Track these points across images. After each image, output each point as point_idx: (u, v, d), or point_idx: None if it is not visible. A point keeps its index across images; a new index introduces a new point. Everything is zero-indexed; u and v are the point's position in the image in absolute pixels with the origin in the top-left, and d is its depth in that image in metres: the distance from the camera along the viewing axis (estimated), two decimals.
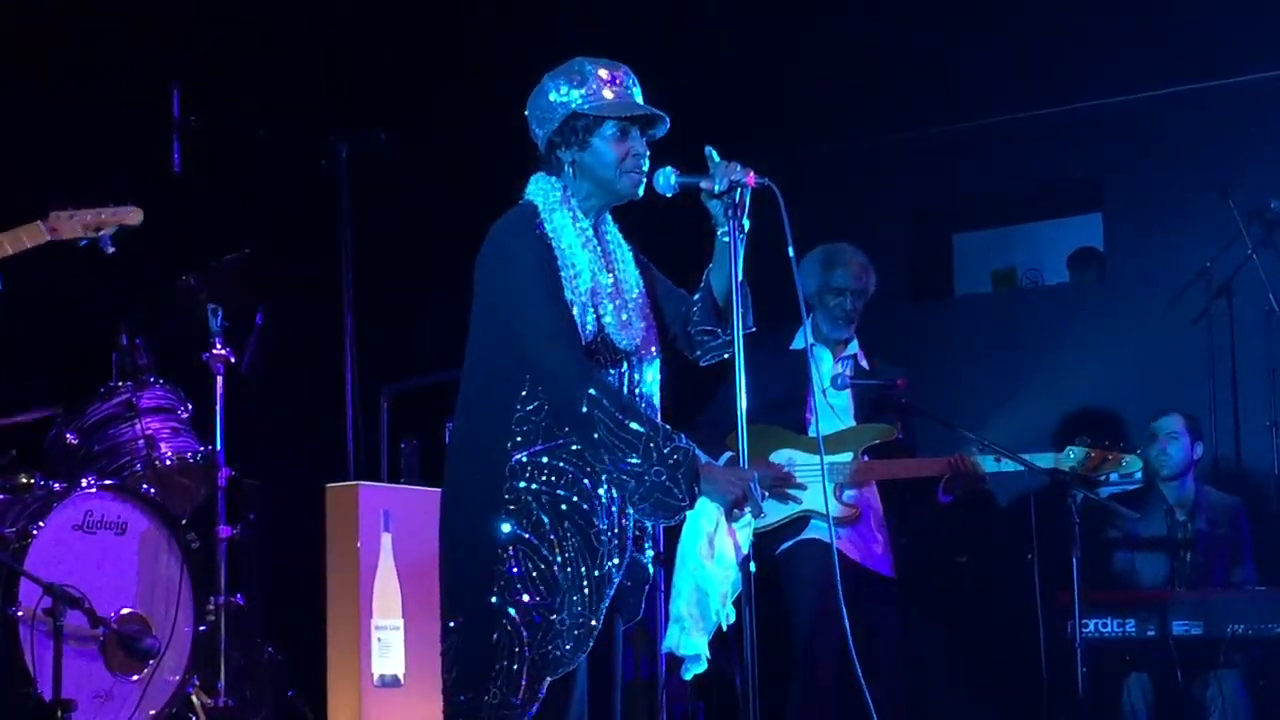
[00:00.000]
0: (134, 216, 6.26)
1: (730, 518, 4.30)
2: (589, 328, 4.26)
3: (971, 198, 9.60)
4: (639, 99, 4.41)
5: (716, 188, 4.34)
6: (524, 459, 4.22)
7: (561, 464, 4.22)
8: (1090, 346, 8.72)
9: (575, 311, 4.24)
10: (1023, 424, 8.45)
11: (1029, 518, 6.64)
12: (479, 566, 4.21)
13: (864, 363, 6.68)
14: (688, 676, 4.41)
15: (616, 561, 4.26)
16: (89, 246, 6.18)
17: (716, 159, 4.37)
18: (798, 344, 6.57)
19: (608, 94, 4.36)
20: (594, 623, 4.21)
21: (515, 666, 4.16)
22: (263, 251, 7.41)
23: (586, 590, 4.21)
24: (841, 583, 4.61)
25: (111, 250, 6.20)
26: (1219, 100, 8.60)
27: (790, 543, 6.32)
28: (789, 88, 9.27)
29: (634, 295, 4.42)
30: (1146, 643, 7.08)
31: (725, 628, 4.35)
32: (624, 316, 4.34)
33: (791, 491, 6.28)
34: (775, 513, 6.30)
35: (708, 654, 4.37)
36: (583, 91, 4.35)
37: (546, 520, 4.20)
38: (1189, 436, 7.65)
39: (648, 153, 4.40)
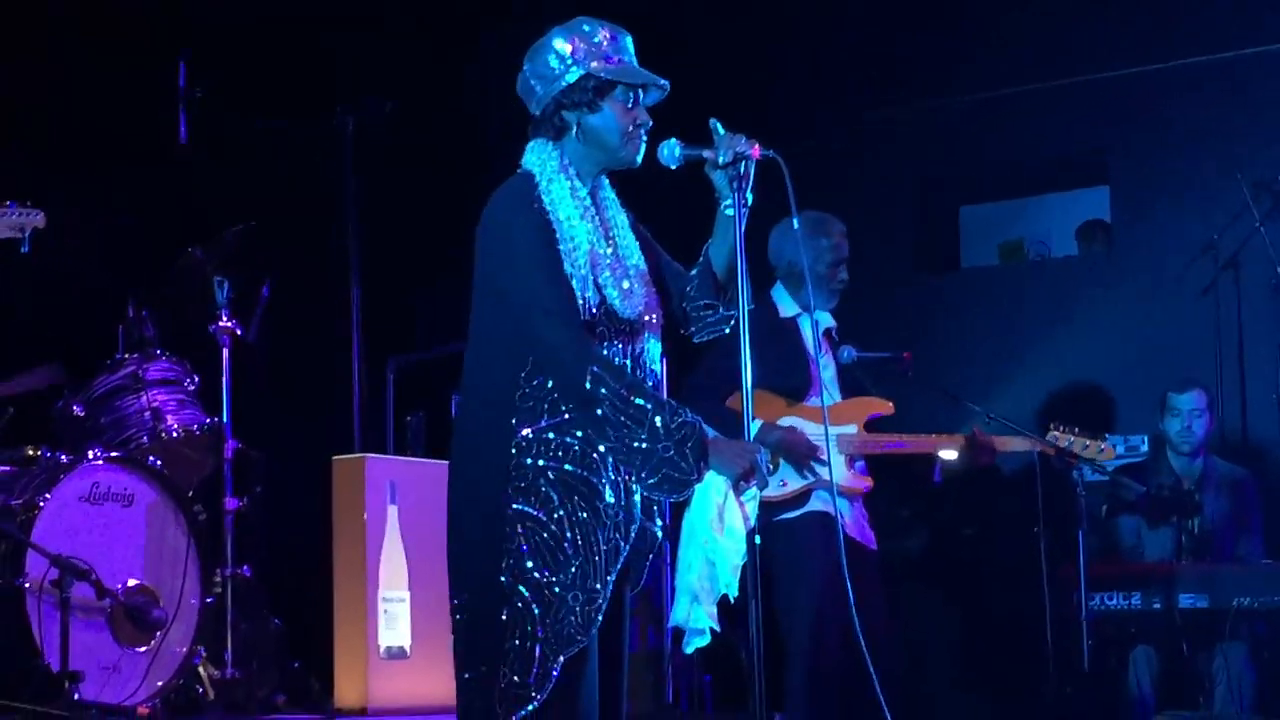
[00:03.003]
0: (40, 220, 6.23)
1: (738, 491, 4.26)
2: (590, 299, 4.22)
3: (978, 170, 9.59)
4: (636, 63, 4.38)
5: (721, 159, 4.30)
6: (530, 434, 4.17)
7: (568, 439, 4.17)
8: (1097, 319, 8.71)
9: (575, 285, 4.19)
10: (1029, 397, 8.45)
11: (1034, 491, 6.63)
12: (487, 544, 4.16)
13: (835, 336, 6.64)
14: (689, 650, 4.39)
15: (623, 534, 4.24)
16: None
17: (721, 131, 4.34)
18: (786, 312, 6.53)
19: (616, 58, 4.33)
20: (602, 599, 4.17)
21: (528, 645, 4.11)
22: (269, 223, 7.41)
23: (596, 565, 4.16)
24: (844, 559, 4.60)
25: (27, 250, 6.21)
26: (1227, 73, 8.58)
27: (792, 514, 6.27)
28: (793, 59, 9.25)
29: (634, 262, 4.37)
30: (1152, 615, 7.08)
31: (731, 600, 4.33)
32: (625, 285, 4.29)
33: (813, 464, 6.26)
34: (794, 482, 6.26)
35: (716, 626, 4.35)
36: (594, 52, 4.30)
37: (555, 496, 4.15)
38: (1210, 412, 7.63)
39: (650, 122, 4.37)
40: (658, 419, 4.10)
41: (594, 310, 4.22)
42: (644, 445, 4.10)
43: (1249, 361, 8.17)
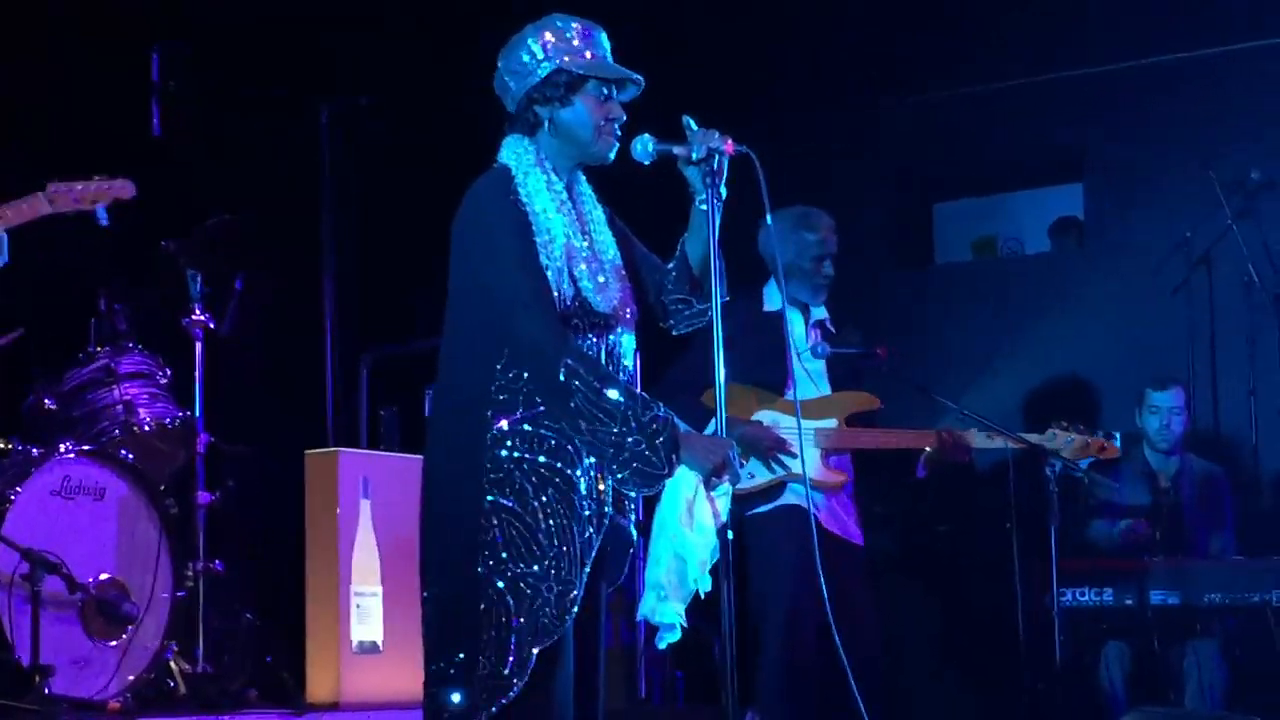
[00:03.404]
0: (127, 190, 6.18)
1: (709, 486, 4.26)
2: (566, 292, 4.23)
3: (952, 166, 9.59)
4: (611, 59, 4.39)
5: (694, 155, 4.31)
6: (505, 427, 4.18)
7: (543, 431, 4.18)
8: (1070, 316, 8.72)
9: (551, 277, 4.21)
10: (1002, 393, 8.46)
11: (1008, 487, 6.63)
12: (462, 535, 4.16)
13: (830, 327, 6.64)
14: (662, 645, 4.39)
15: (595, 527, 4.23)
16: (82, 219, 6.12)
17: (694, 127, 4.35)
18: (769, 306, 6.53)
19: (588, 53, 4.34)
20: (577, 590, 4.17)
21: (504, 635, 4.11)
22: (243, 217, 7.38)
23: (571, 557, 4.17)
24: (821, 554, 4.60)
25: (105, 223, 6.14)
26: (1200, 71, 8.60)
27: (765, 508, 6.26)
28: (770, 54, 9.24)
29: (609, 257, 4.39)
30: (1124, 612, 7.09)
31: (703, 595, 4.33)
32: (600, 279, 4.31)
33: (782, 457, 6.25)
34: (761, 475, 6.26)
35: (684, 622, 4.34)
36: (565, 48, 4.32)
37: (529, 488, 4.16)
38: (1188, 410, 7.64)
39: (624, 117, 4.38)
40: (630, 413, 4.12)
41: (569, 303, 4.24)
42: (616, 439, 4.12)
43: (1221, 358, 8.19)
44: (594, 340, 4.28)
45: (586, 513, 4.21)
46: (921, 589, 8.65)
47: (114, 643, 6.44)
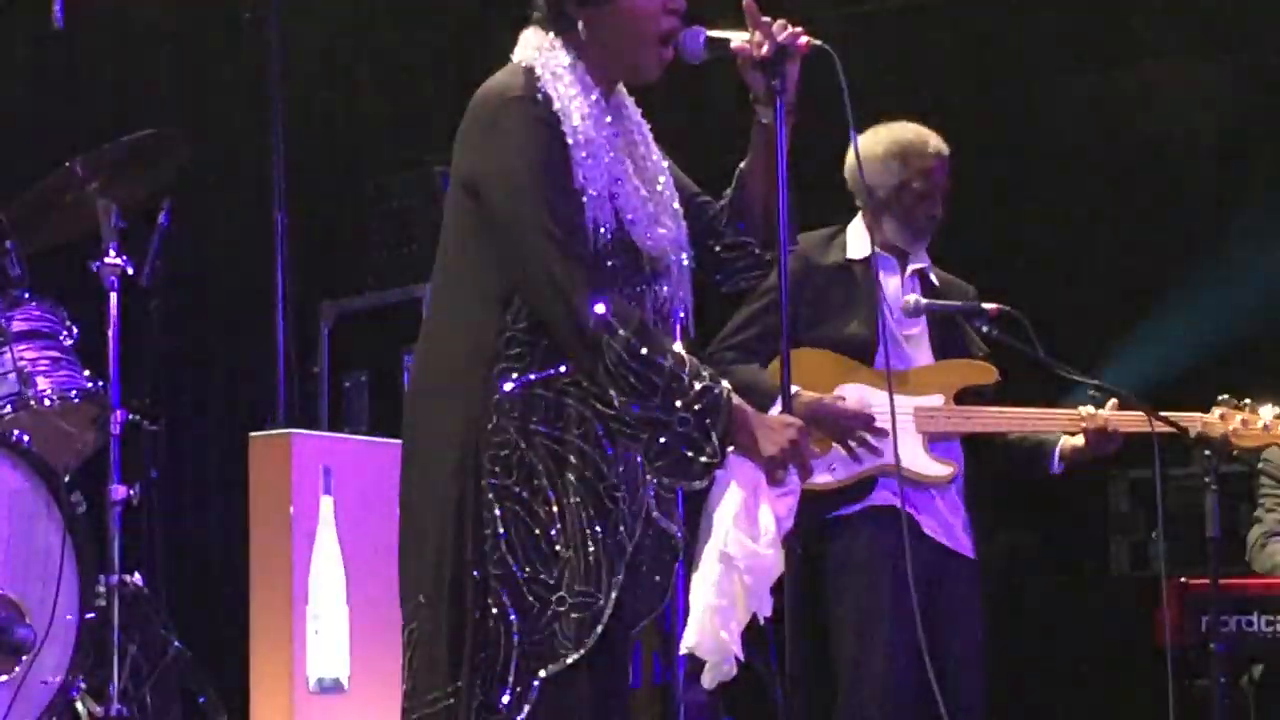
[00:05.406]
0: None
1: (772, 481, 4.20)
2: (606, 225, 4.20)
3: None
4: None
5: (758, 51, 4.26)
6: (514, 390, 4.16)
7: (564, 399, 4.17)
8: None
9: (588, 204, 4.18)
10: (1149, 362, 8.42)
11: (1154, 484, 6.59)
12: (453, 530, 4.17)
13: (933, 279, 6.59)
14: (708, 684, 4.34)
15: (628, 529, 4.21)
16: None
17: (758, 18, 4.29)
18: (853, 252, 6.48)
19: None
20: (602, 603, 4.15)
21: (500, 656, 4.13)
22: (169, 131, 7.33)
23: (593, 561, 4.15)
24: (922, 567, 4.56)
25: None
26: None
27: (852, 509, 6.23)
28: None
29: (660, 187, 4.36)
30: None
31: (761, 621, 4.28)
32: (650, 209, 4.28)
33: (874, 443, 6.20)
34: (843, 468, 6.23)
35: (740, 654, 4.30)
36: None
37: (543, 469, 4.15)
38: None
39: (679, 25, 4.33)
40: (674, 383, 4.07)
41: (608, 239, 4.21)
42: (655, 414, 4.09)
43: None
44: (638, 289, 4.26)
45: (619, 507, 4.19)
46: (1017, 610, 8.65)
47: (5, 678, 6.42)
